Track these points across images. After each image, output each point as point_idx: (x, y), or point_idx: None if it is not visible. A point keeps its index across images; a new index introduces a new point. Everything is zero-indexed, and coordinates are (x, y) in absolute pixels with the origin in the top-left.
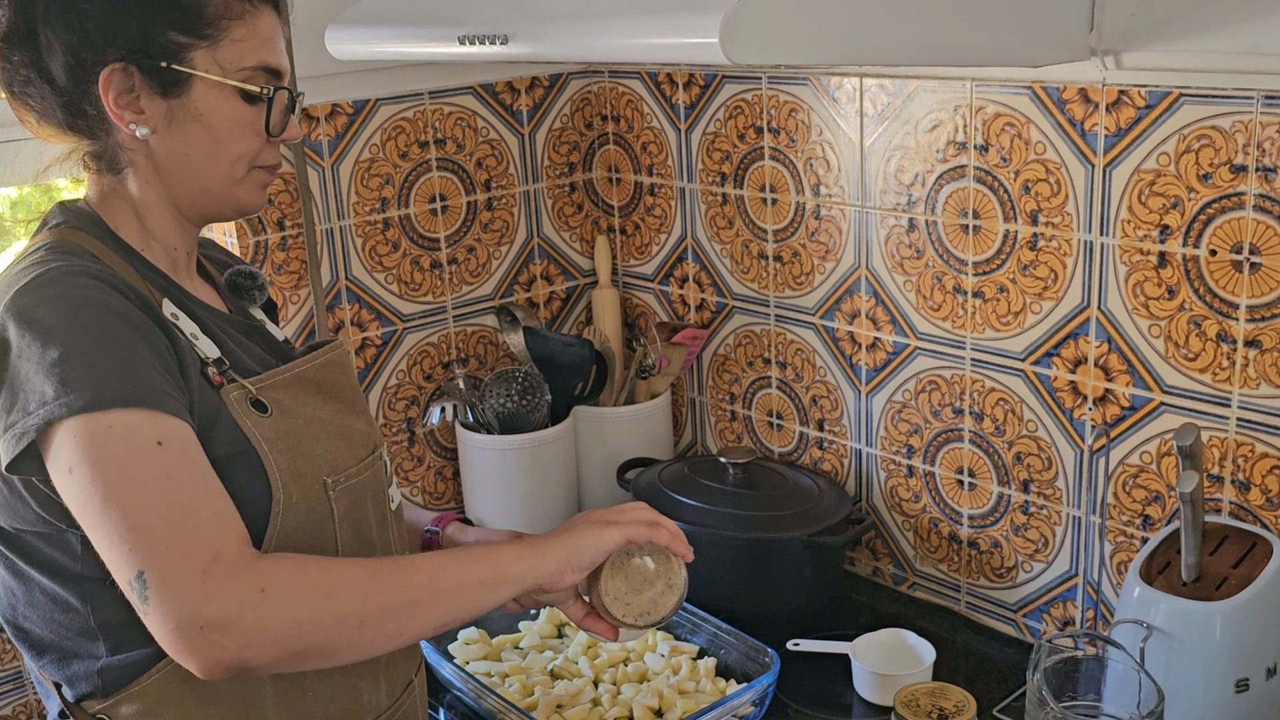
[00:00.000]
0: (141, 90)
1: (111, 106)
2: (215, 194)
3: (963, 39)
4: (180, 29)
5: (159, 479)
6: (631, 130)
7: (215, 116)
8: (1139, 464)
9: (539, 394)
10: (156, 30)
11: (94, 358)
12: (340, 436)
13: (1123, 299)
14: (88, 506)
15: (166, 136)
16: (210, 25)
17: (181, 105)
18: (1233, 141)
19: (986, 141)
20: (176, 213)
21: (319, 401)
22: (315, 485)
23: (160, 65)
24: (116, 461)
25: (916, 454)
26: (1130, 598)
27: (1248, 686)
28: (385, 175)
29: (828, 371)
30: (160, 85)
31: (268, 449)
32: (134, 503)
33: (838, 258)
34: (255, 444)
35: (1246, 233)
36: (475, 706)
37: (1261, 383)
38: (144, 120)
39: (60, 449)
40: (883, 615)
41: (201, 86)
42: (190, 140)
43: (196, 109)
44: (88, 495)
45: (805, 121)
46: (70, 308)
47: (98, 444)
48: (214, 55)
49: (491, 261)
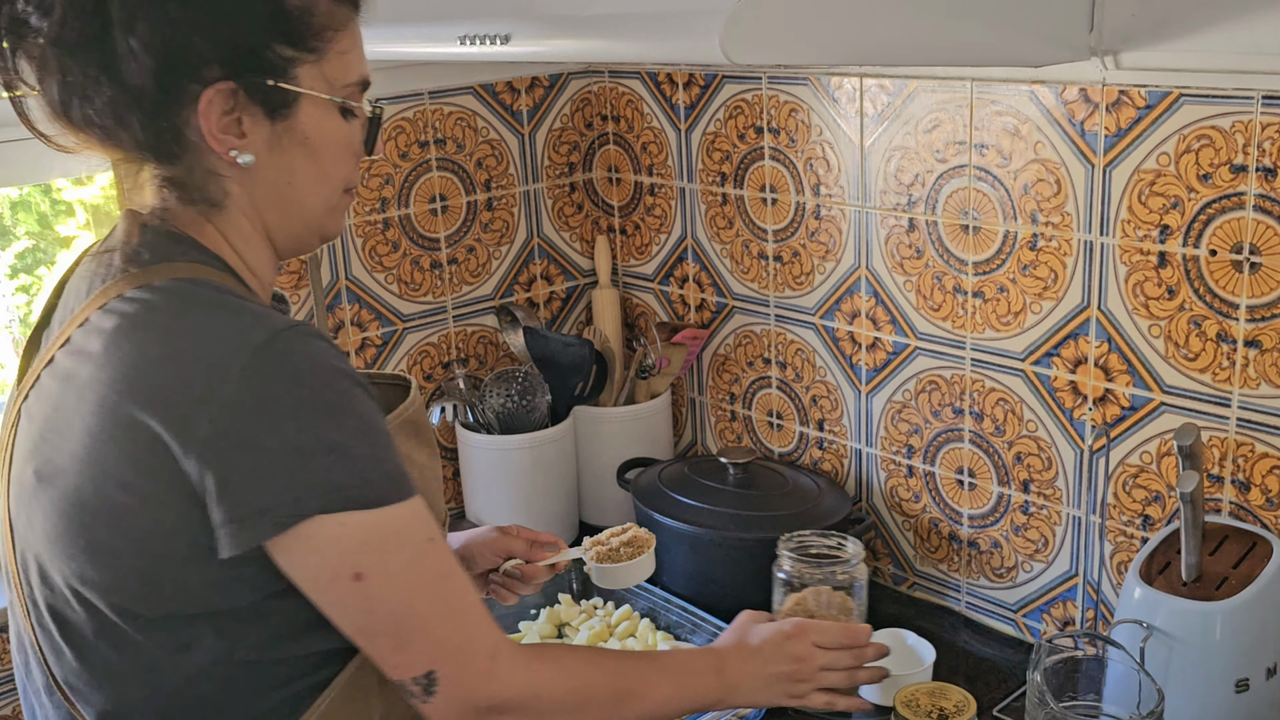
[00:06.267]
0: (244, 111)
1: (214, 131)
2: (312, 223)
3: (963, 39)
4: (288, 42)
5: (439, 579)
6: (631, 130)
7: (322, 138)
8: (1139, 464)
9: (539, 394)
10: (263, 43)
11: (357, 442)
12: (438, 483)
13: (1123, 299)
14: (368, 607)
15: (268, 163)
16: (317, 37)
17: (287, 128)
18: (1233, 141)
19: (986, 141)
20: (270, 246)
21: (418, 446)
22: None
23: (267, 83)
24: (401, 560)
25: (916, 454)
26: (1130, 598)
27: (1248, 686)
28: (385, 175)
29: (828, 371)
30: (266, 106)
31: None
32: (421, 604)
33: (838, 258)
34: None
35: (1246, 233)
36: None
37: (1261, 383)
38: (246, 145)
39: (330, 541)
40: (883, 615)
41: (309, 106)
42: (294, 166)
43: (303, 131)
44: (369, 594)
45: (805, 121)
46: (323, 380)
47: (380, 544)
48: (321, 70)
49: (491, 261)
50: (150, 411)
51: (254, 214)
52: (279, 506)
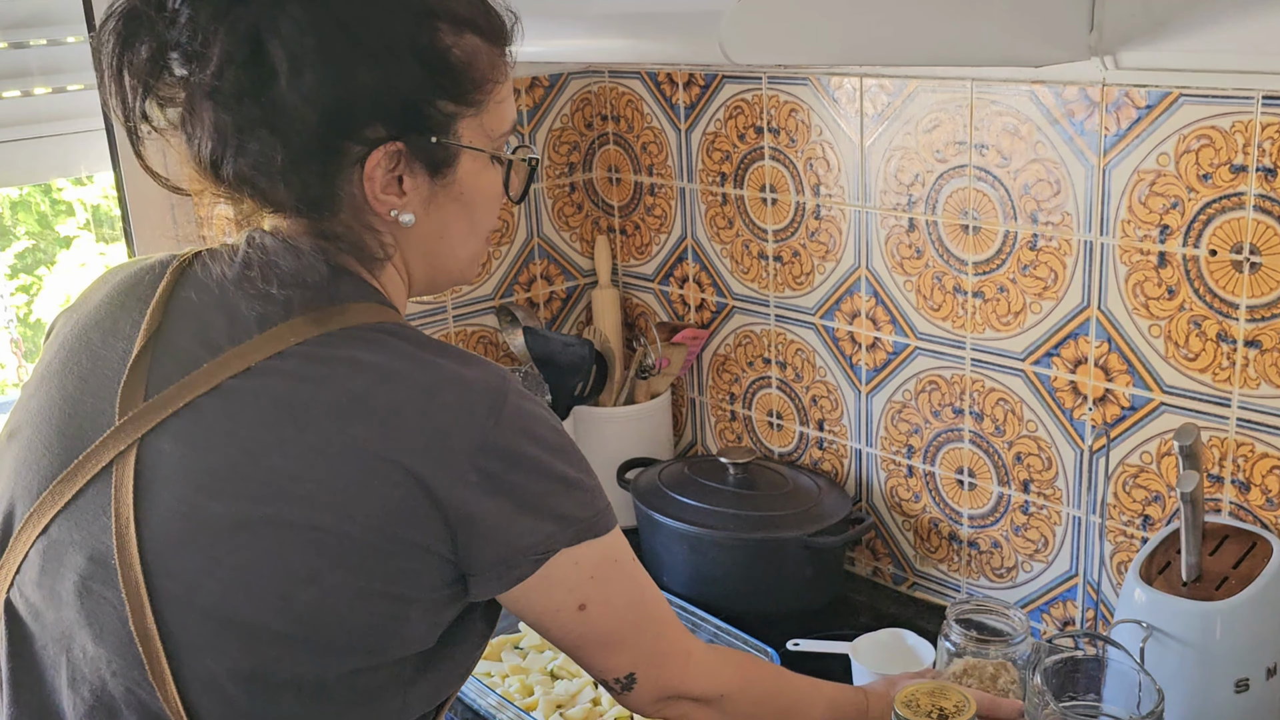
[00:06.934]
0: (406, 171)
1: (377, 193)
2: (454, 272)
3: (963, 39)
4: (451, 97)
5: (642, 599)
6: (631, 130)
7: (477, 193)
8: (1139, 464)
9: (539, 394)
10: (426, 100)
11: (583, 475)
12: None
13: (1123, 299)
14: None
15: (424, 219)
16: (479, 90)
17: (445, 185)
18: (1233, 141)
19: (986, 141)
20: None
21: None
22: None
23: (430, 141)
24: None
25: (916, 454)
26: (1130, 598)
27: (1248, 686)
28: None
29: (828, 371)
30: (429, 164)
31: None
32: (629, 625)
33: (838, 258)
34: None
35: (1246, 233)
36: (475, 706)
37: (1261, 383)
38: (406, 205)
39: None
40: (883, 615)
41: (468, 161)
42: (448, 220)
43: (460, 187)
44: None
45: (805, 121)
46: (546, 422)
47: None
48: (481, 123)
49: (491, 261)
50: (410, 458)
51: (401, 265)
52: (536, 545)
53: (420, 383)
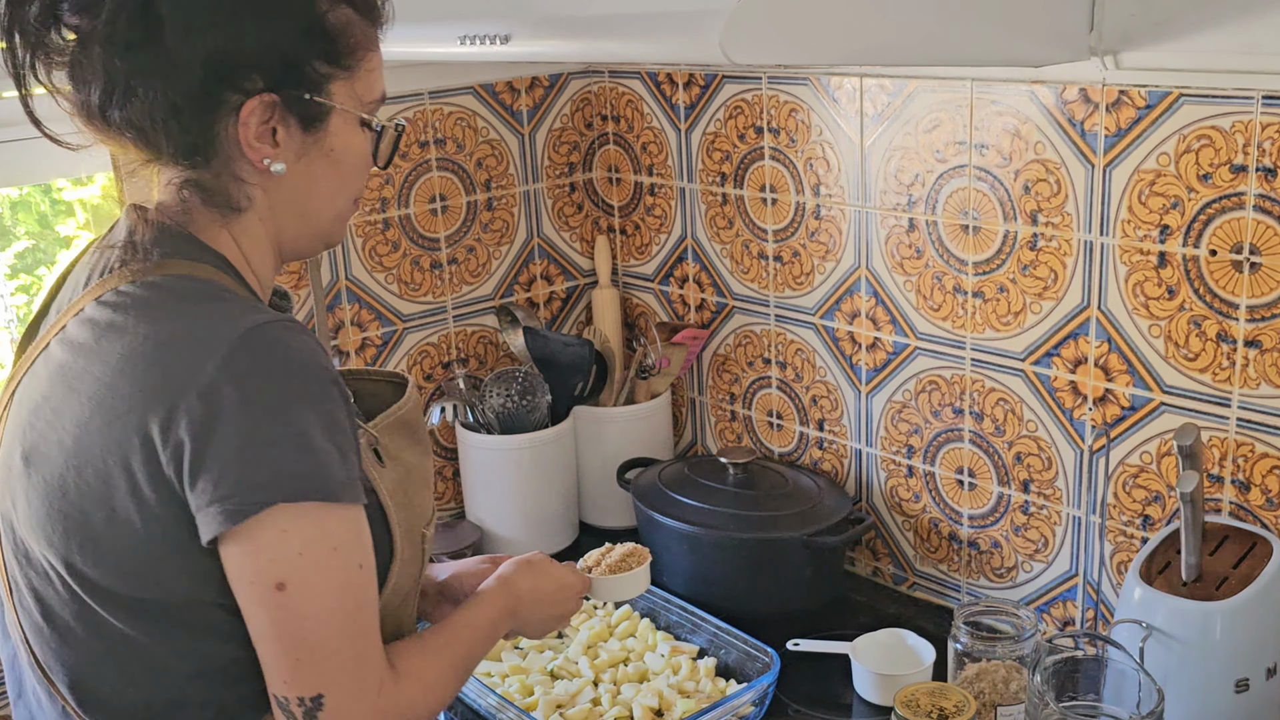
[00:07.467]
0: (280, 123)
1: (250, 140)
2: (322, 231)
3: (963, 39)
4: (325, 58)
5: (357, 610)
6: (631, 130)
7: (346, 152)
8: (1139, 464)
9: (539, 394)
10: (303, 59)
11: (321, 435)
12: (427, 484)
13: (1123, 299)
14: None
15: (294, 173)
16: (351, 55)
17: (316, 140)
18: (1233, 142)
19: (986, 141)
20: (277, 250)
21: (409, 445)
22: (417, 538)
23: (304, 97)
24: (329, 584)
25: (916, 454)
26: (1130, 598)
27: (1248, 686)
28: (385, 175)
29: (828, 371)
30: (302, 119)
31: (390, 503)
32: (333, 630)
33: (838, 258)
34: (381, 497)
35: (1246, 233)
36: (475, 706)
37: (1261, 383)
38: (279, 155)
39: (273, 540)
40: (883, 615)
41: (338, 120)
42: (317, 176)
43: (330, 144)
44: (287, 608)
45: (805, 121)
46: (298, 373)
47: (314, 558)
48: (352, 87)
49: (491, 261)
50: (135, 404)
51: (270, 219)
52: (248, 493)
53: (155, 327)
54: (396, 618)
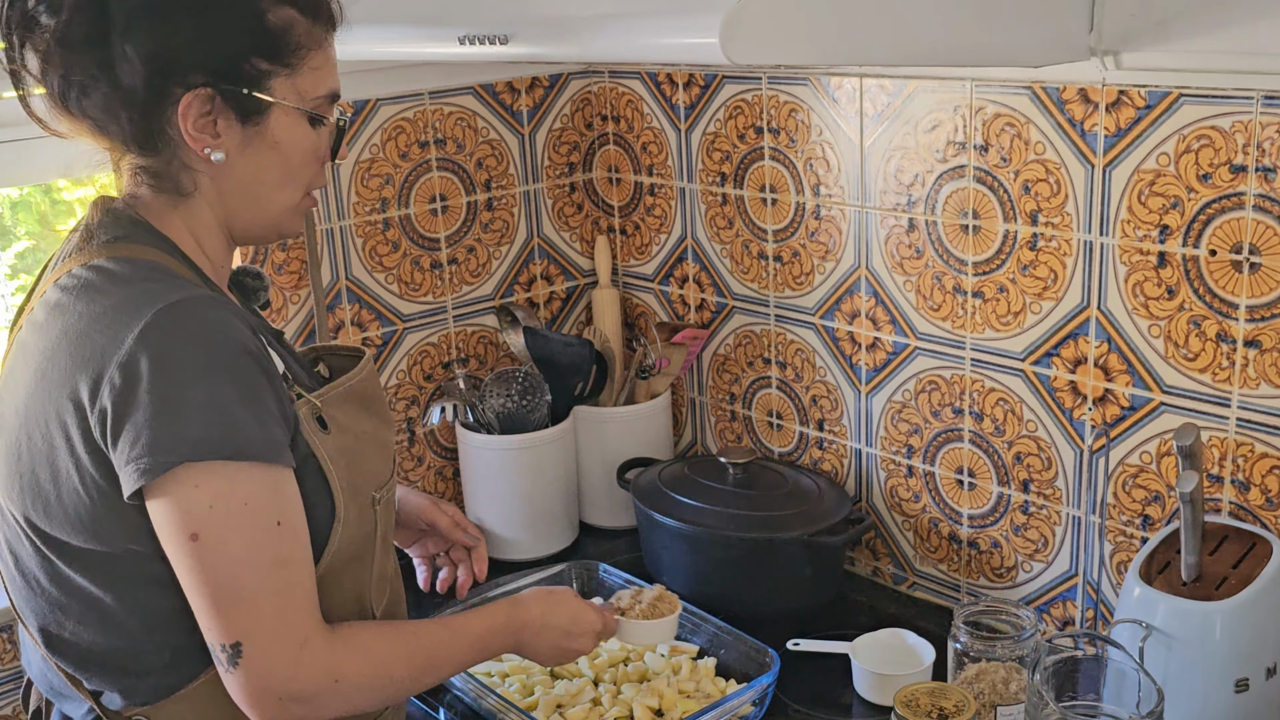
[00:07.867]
0: (220, 115)
1: (190, 130)
2: (273, 219)
3: (963, 39)
4: (265, 56)
5: (275, 564)
6: (631, 130)
7: (290, 145)
8: (1139, 464)
9: (539, 394)
10: (242, 56)
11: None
12: (381, 450)
13: (1122, 299)
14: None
15: (239, 162)
16: (292, 54)
17: (258, 132)
18: (1232, 141)
19: (986, 141)
20: (228, 235)
21: (363, 415)
22: (366, 501)
23: (242, 92)
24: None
25: (916, 454)
26: (1130, 598)
27: (1248, 686)
28: (385, 175)
29: (828, 371)
30: (240, 112)
31: (332, 466)
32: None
33: (838, 258)
34: (322, 462)
35: (1246, 233)
36: (475, 706)
37: (1261, 383)
38: (219, 145)
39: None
40: (883, 615)
41: (279, 114)
42: (263, 166)
43: (273, 136)
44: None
45: (805, 121)
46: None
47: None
48: (293, 83)
49: (491, 261)
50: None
51: (219, 205)
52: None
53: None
54: (355, 580)
